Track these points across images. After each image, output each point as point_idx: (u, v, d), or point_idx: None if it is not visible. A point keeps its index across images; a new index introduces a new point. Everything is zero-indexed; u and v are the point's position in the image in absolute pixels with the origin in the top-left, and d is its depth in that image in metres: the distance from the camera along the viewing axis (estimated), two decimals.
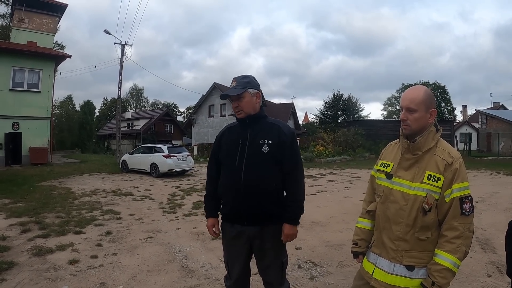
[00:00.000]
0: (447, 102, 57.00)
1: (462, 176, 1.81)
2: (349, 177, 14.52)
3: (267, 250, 2.42)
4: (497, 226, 5.90)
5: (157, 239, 5.70)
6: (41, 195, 9.84)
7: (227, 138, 2.51)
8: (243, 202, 2.33)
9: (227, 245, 2.52)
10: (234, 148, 2.40)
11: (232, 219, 2.43)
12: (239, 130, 2.47)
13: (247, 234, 2.39)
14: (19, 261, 4.47)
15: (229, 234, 2.47)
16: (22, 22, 20.44)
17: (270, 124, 2.45)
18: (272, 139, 2.36)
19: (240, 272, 2.49)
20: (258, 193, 2.32)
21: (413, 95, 1.88)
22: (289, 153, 2.39)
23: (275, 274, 2.47)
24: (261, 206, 2.34)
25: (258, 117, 2.44)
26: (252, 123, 2.42)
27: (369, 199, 2.22)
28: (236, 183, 2.33)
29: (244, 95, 2.39)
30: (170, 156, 15.84)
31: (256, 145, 2.35)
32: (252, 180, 2.31)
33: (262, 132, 2.39)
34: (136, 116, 52.71)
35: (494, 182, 12.37)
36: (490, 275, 3.99)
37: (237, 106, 2.40)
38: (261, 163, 2.33)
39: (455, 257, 1.75)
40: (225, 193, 2.44)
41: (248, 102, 2.40)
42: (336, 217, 7.12)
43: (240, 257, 2.46)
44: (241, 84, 2.41)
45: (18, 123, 19.29)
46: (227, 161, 2.44)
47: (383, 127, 27.97)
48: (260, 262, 2.49)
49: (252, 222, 2.36)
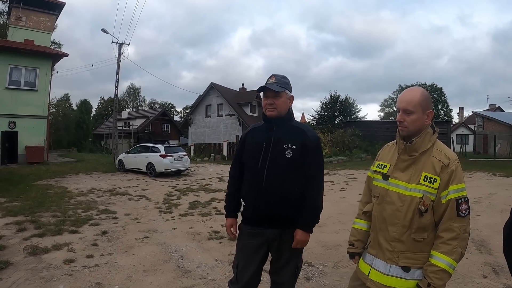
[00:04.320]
0: (444, 104, 57.18)
1: (458, 177, 1.82)
2: (345, 178, 14.54)
3: (284, 252, 2.40)
4: (493, 228, 5.92)
5: (153, 239, 5.69)
6: (37, 194, 9.81)
7: (251, 139, 2.50)
8: (264, 204, 2.32)
9: (243, 246, 2.48)
10: (257, 150, 2.39)
11: (253, 221, 2.41)
12: (264, 132, 2.45)
13: (266, 236, 2.37)
14: (14, 260, 4.45)
15: (248, 236, 2.44)
16: (19, 20, 20.33)
17: (296, 128, 2.43)
18: (296, 144, 2.34)
19: (252, 275, 2.43)
20: (279, 197, 2.31)
21: (410, 97, 1.88)
22: (313, 158, 2.38)
23: (288, 275, 2.45)
24: (281, 210, 2.33)
25: (285, 119, 2.42)
26: (278, 125, 2.40)
27: (366, 200, 2.22)
28: (258, 186, 2.33)
29: (282, 94, 2.38)
30: (166, 156, 15.83)
31: (279, 149, 2.34)
32: (273, 183, 2.30)
33: (287, 135, 2.37)
34: (133, 115, 52.54)
35: (490, 183, 12.42)
36: (486, 276, 4.00)
37: (272, 103, 2.36)
38: (284, 167, 2.32)
39: (451, 259, 1.75)
40: (247, 195, 2.44)
41: (284, 102, 2.39)
42: (333, 217, 7.13)
43: (255, 260, 2.42)
44: (281, 82, 2.39)
45: (15, 122, 19.17)
46: (250, 163, 2.43)
47: (380, 128, 27.98)
48: (275, 263, 2.47)
49: (273, 225, 2.35)
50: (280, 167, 2.32)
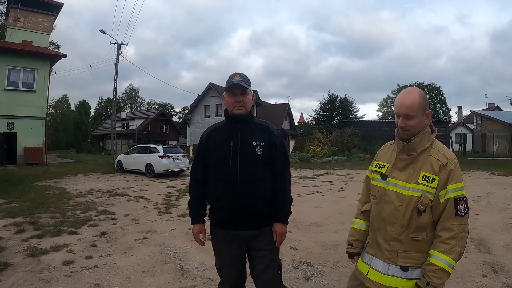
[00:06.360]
0: (443, 103, 57.33)
1: (457, 177, 1.82)
2: (344, 178, 14.55)
3: (264, 250, 2.37)
4: (492, 227, 5.94)
5: (152, 239, 5.68)
6: (35, 195, 9.78)
7: (215, 139, 2.43)
8: (241, 204, 2.28)
9: (221, 250, 2.45)
10: (225, 149, 2.33)
11: (228, 223, 2.35)
12: (228, 130, 2.40)
13: (243, 236, 2.34)
14: (13, 261, 4.44)
15: (223, 239, 2.40)
16: (18, 21, 20.30)
17: (260, 125, 2.43)
18: (264, 140, 2.34)
19: (237, 274, 2.45)
20: (255, 194, 2.29)
21: (409, 101, 1.85)
22: (279, 154, 2.39)
23: (274, 277, 2.41)
24: (258, 208, 2.31)
25: (248, 116, 2.41)
26: (242, 123, 2.38)
27: (364, 200, 2.22)
28: (231, 185, 2.28)
29: (249, 91, 2.38)
30: (165, 157, 15.81)
31: (249, 146, 2.32)
32: (248, 181, 2.27)
33: (253, 133, 2.36)
34: (131, 116, 52.53)
35: (489, 182, 12.45)
36: (485, 275, 4.01)
37: (240, 101, 2.33)
38: (256, 164, 2.30)
39: (450, 258, 1.75)
40: (219, 196, 2.36)
41: (250, 100, 2.40)
42: (331, 217, 7.13)
43: (236, 260, 2.41)
44: (246, 80, 2.37)
45: (13, 123, 19.14)
46: (219, 163, 2.35)
47: (379, 127, 28.04)
48: (256, 266, 2.40)
49: (249, 226, 2.32)
50: (252, 165, 2.30)
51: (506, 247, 4.99)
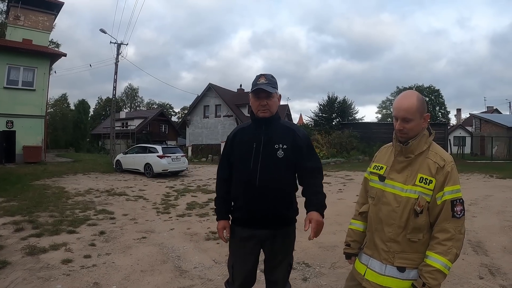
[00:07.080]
0: (442, 106, 57.41)
1: (453, 179, 1.84)
2: (343, 179, 14.57)
3: (277, 251, 2.40)
4: (490, 229, 5.96)
5: (150, 239, 5.70)
6: (34, 194, 9.79)
7: (239, 139, 2.44)
8: (257, 205, 2.30)
9: (236, 247, 2.47)
10: (248, 150, 2.35)
11: (245, 222, 2.39)
12: (253, 132, 2.41)
13: (259, 236, 2.37)
14: (12, 260, 4.45)
15: (240, 236, 2.42)
16: (18, 19, 20.30)
17: (285, 128, 2.42)
18: (287, 143, 2.33)
19: (247, 275, 2.45)
20: (272, 196, 2.30)
21: (407, 105, 1.86)
22: (308, 155, 2.39)
23: (282, 274, 2.46)
24: (275, 209, 2.33)
25: (274, 119, 2.41)
26: (267, 125, 2.38)
27: (362, 201, 2.24)
28: (251, 186, 2.30)
29: (274, 94, 2.36)
30: (164, 157, 15.84)
31: (270, 149, 2.32)
32: (266, 183, 2.29)
33: (277, 135, 2.35)
34: (130, 116, 52.52)
35: (487, 185, 12.47)
36: (482, 277, 4.02)
37: (265, 104, 2.33)
38: (276, 167, 2.30)
39: (446, 259, 1.77)
40: (241, 196, 2.39)
41: (275, 103, 2.39)
42: (330, 218, 7.14)
43: (249, 260, 2.42)
44: (272, 83, 2.36)
45: (12, 121, 19.15)
46: (241, 164, 2.38)
47: (378, 129, 28.02)
48: (268, 262, 2.47)
49: (265, 226, 2.34)
50: (272, 168, 2.30)
51: (503, 249, 5.01)
